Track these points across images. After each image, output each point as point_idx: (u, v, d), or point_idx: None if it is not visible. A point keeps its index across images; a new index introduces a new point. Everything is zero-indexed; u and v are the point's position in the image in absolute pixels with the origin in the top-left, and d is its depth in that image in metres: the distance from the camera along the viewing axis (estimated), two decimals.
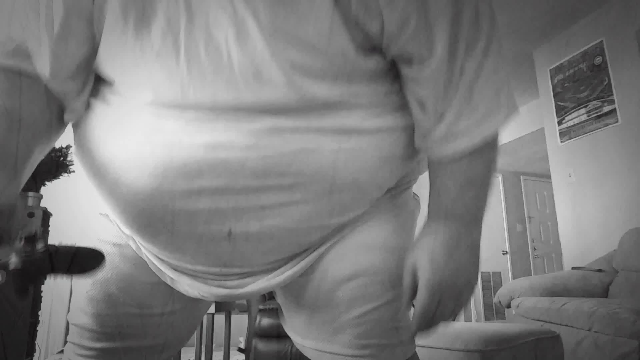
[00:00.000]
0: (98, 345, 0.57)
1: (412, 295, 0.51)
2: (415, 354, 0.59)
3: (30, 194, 2.60)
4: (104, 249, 0.56)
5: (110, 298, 0.56)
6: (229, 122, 0.43)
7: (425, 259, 0.49)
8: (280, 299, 0.64)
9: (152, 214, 0.46)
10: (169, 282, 0.55)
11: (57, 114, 0.53)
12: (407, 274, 0.51)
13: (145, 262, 0.56)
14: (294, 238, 0.50)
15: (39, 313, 2.26)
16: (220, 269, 0.52)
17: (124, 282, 0.56)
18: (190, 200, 0.45)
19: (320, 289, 0.55)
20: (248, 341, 2.40)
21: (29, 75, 0.49)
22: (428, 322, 0.49)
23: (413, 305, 0.51)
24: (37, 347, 2.34)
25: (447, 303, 0.48)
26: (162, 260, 0.55)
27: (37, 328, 2.25)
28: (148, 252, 0.55)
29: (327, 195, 0.47)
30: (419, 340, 0.58)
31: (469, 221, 0.51)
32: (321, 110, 0.45)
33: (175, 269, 0.54)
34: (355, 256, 0.54)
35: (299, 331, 0.60)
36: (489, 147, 0.50)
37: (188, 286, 0.54)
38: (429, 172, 0.54)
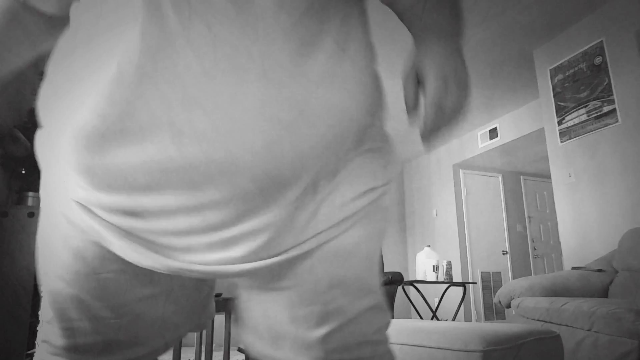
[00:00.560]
0: (65, 342, 0.56)
1: (413, 99, 0.54)
2: None
3: (30, 194, 2.60)
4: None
5: (68, 290, 0.54)
6: None
7: (426, 60, 0.53)
8: (247, 308, 0.59)
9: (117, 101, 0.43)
10: (113, 247, 0.51)
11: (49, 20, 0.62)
12: (408, 80, 0.55)
13: (93, 244, 0.52)
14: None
15: (39, 313, 2.27)
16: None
17: (75, 274, 0.53)
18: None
19: (293, 302, 0.53)
20: None
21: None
22: (440, 113, 0.52)
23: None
24: (37, 346, 2.34)
25: (453, 90, 0.52)
26: (109, 222, 0.50)
27: (37, 328, 2.25)
28: (95, 205, 0.50)
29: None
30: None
31: (455, 35, 0.57)
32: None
33: (121, 234, 0.50)
34: (332, 267, 0.52)
35: (269, 342, 0.57)
36: None
37: (135, 252, 0.50)
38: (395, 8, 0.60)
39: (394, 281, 3.44)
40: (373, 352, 0.56)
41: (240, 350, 3.08)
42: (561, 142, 3.43)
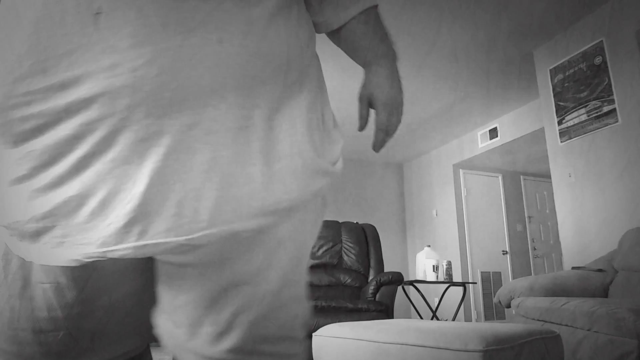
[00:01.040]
0: (13, 348, 0.53)
1: (365, 121, 0.70)
2: None
3: None
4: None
5: (16, 299, 0.52)
6: None
7: (377, 89, 0.68)
8: (161, 291, 0.53)
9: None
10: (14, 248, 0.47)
11: None
12: (362, 105, 0.70)
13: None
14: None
15: None
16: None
17: (23, 282, 0.52)
18: None
19: (211, 286, 0.49)
20: None
21: None
22: (385, 132, 0.69)
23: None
24: None
25: (394, 115, 0.69)
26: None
27: None
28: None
29: None
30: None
31: (391, 59, 0.69)
32: None
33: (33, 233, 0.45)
34: (253, 256, 0.49)
35: (184, 329, 0.52)
36: (376, 14, 0.67)
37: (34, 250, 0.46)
38: (343, 46, 0.69)
39: (393, 281, 3.43)
40: (291, 349, 0.54)
41: None
42: (561, 142, 3.43)
